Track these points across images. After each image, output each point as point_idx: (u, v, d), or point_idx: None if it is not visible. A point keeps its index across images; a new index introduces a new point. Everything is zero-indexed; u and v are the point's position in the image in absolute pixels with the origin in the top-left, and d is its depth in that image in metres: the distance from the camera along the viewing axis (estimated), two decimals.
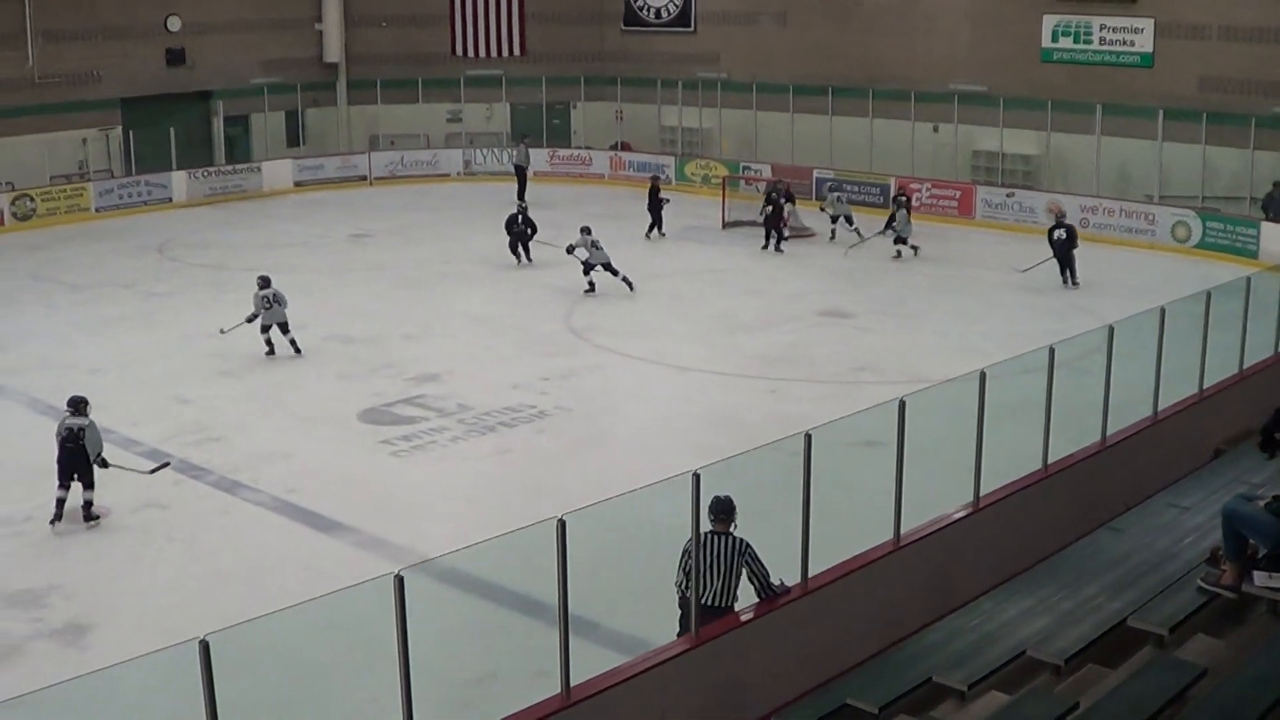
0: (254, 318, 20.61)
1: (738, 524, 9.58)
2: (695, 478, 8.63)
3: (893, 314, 23.42)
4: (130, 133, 34.12)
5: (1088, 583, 9.62)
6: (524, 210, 27.77)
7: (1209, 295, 13.66)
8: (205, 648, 6.66)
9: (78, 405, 14.72)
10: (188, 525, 14.51)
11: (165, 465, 15.61)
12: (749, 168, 35.11)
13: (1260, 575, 8.57)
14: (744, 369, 19.99)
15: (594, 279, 24.66)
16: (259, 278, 20.92)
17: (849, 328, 22.56)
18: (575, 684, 8.31)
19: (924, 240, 29.32)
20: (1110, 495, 11.92)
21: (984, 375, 10.90)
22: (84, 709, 8.02)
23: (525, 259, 27.17)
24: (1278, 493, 8.60)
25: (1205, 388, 13.90)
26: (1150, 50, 30.37)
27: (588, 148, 38.81)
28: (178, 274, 26.97)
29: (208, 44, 36.40)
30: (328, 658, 10.62)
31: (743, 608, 9.55)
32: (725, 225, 31.09)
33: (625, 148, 38.60)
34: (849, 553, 10.28)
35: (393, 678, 7.48)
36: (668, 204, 30.29)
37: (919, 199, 31.96)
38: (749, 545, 9.48)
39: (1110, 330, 12.42)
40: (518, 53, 39.92)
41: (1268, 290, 15.41)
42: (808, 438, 9.42)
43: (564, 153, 38.44)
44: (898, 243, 27.69)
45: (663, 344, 21.43)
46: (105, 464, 14.66)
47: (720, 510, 9.49)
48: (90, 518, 14.38)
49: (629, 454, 16.38)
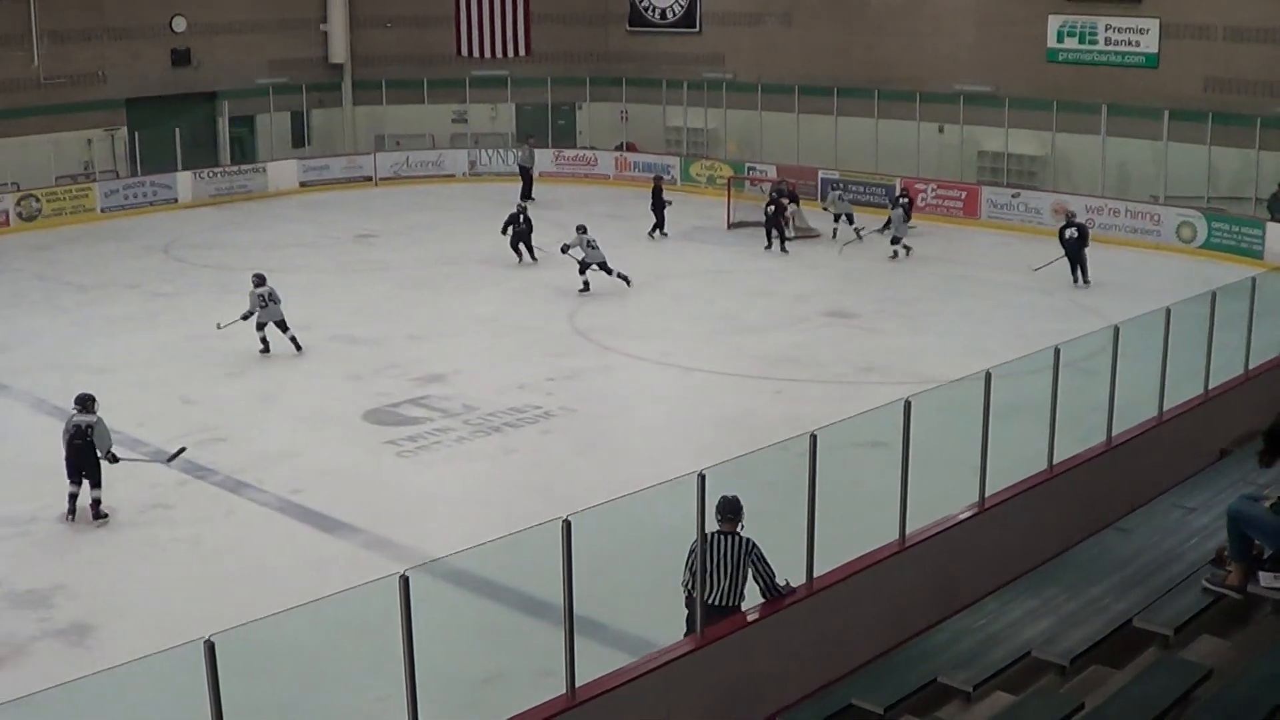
0: (250, 315, 20.66)
1: (744, 524, 9.59)
2: (701, 478, 8.64)
3: (898, 314, 23.40)
4: (135, 133, 34.15)
5: (1093, 583, 9.60)
6: (524, 210, 27.80)
7: (1214, 296, 13.64)
8: (210, 648, 6.67)
9: (85, 403, 14.73)
10: (193, 525, 14.51)
11: (182, 450, 15.65)
12: (754, 168, 35.10)
13: (1265, 576, 8.57)
14: (749, 369, 19.98)
15: (589, 279, 24.66)
16: (254, 275, 20.97)
17: (854, 328, 22.55)
18: (580, 684, 8.32)
19: (929, 241, 29.36)
20: (1115, 496, 11.91)
21: (989, 375, 10.91)
22: (89, 709, 8.02)
23: (529, 258, 27.19)
24: None
25: (1210, 388, 13.90)
26: (1155, 51, 30.34)
27: (593, 148, 38.82)
28: (183, 274, 26.99)
29: (213, 44, 36.46)
30: (333, 658, 10.62)
31: (748, 608, 9.56)
32: (730, 226, 31.08)
33: (630, 148, 38.60)
34: (854, 553, 10.29)
35: (398, 678, 7.49)
36: (669, 205, 30.32)
37: (924, 199, 31.98)
38: (755, 545, 9.48)
39: (1115, 331, 12.42)
40: (523, 53, 39.95)
41: (1273, 291, 15.41)
42: (813, 438, 9.42)
43: (569, 153, 38.45)
44: (894, 243, 27.74)
45: (668, 344, 21.42)
46: (115, 459, 14.67)
47: (727, 510, 9.50)
48: (99, 516, 14.39)
49: (634, 454, 16.39)
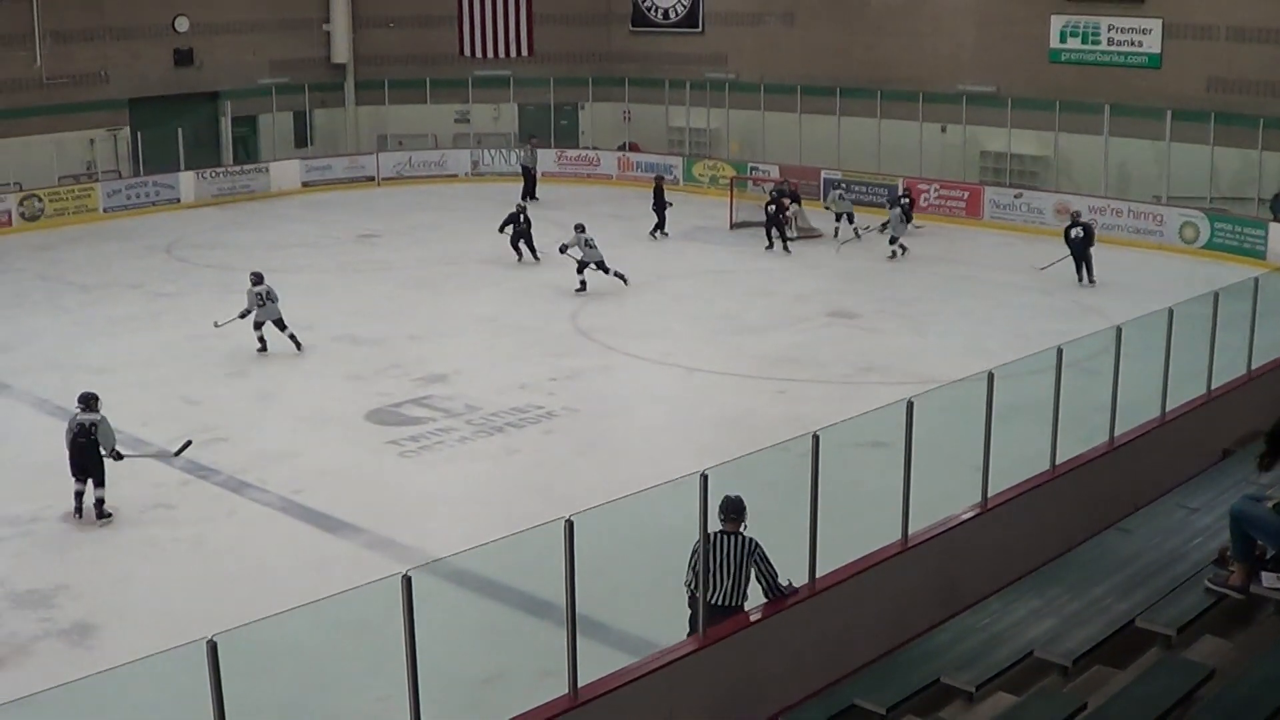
0: (248, 313, 20.67)
1: (746, 524, 9.58)
2: (703, 478, 8.64)
3: (900, 315, 23.39)
4: (138, 133, 34.19)
5: (1096, 583, 9.60)
6: (523, 209, 27.82)
7: (1217, 296, 13.64)
8: (213, 648, 6.67)
9: (89, 401, 14.71)
10: (195, 525, 14.52)
11: (188, 444, 15.67)
12: (757, 168, 35.09)
13: (1268, 576, 8.56)
14: (752, 370, 19.97)
15: (586, 278, 24.67)
16: (252, 274, 20.97)
17: (856, 328, 22.54)
18: (583, 684, 8.32)
19: (931, 240, 29.38)
20: (1118, 496, 11.91)
21: (992, 376, 10.91)
22: (91, 709, 8.02)
23: (531, 257, 27.19)
24: None
25: (1213, 388, 13.89)
26: (1158, 51, 30.32)
27: (595, 148, 38.83)
28: (185, 274, 27.00)
29: (216, 44, 36.48)
30: (335, 658, 10.62)
31: (751, 608, 9.56)
32: (733, 226, 31.07)
33: (633, 148, 38.61)
34: (857, 553, 10.29)
35: (400, 678, 7.49)
36: (670, 207, 30.31)
37: (926, 199, 31.98)
38: (758, 545, 9.49)
39: (1118, 331, 12.43)
40: (526, 53, 39.96)
41: (1275, 291, 15.42)
42: (815, 438, 9.42)
43: (572, 153, 38.45)
44: (892, 242, 27.76)
45: (670, 344, 21.42)
46: (119, 456, 14.68)
47: (730, 510, 9.50)
48: (102, 515, 14.39)
49: (637, 454, 16.38)
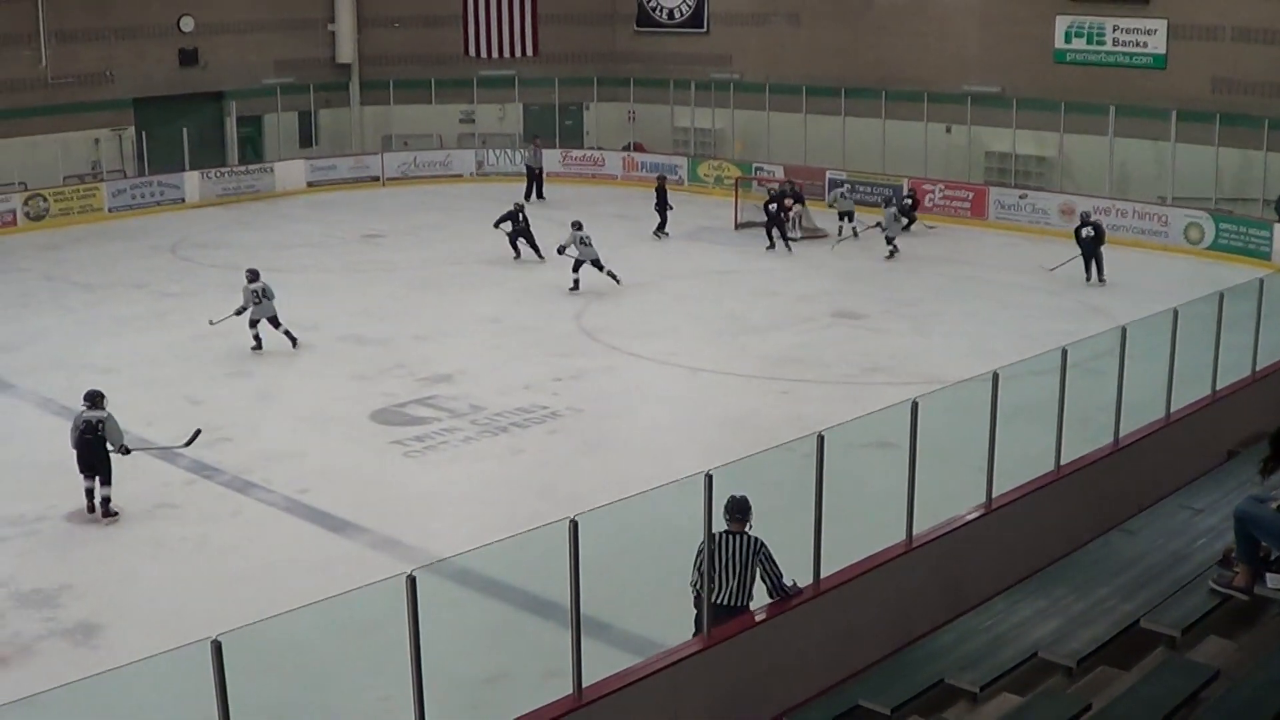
0: (243, 310, 20.68)
1: (752, 524, 9.58)
2: (708, 479, 8.64)
3: (905, 315, 23.38)
4: (143, 133, 34.23)
5: (1100, 584, 9.60)
6: (521, 208, 27.84)
7: (1221, 296, 13.64)
8: (217, 648, 6.67)
9: (94, 399, 14.73)
10: (200, 525, 14.52)
11: (198, 433, 15.69)
12: (761, 169, 35.07)
13: (1272, 577, 8.55)
14: (756, 370, 19.97)
15: (580, 277, 24.68)
16: (248, 271, 20.97)
17: (861, 329, 22.53)
18: (587, 684, 8.32)
19: (936, 241, 29.39)
20: (1123, 497, 11.91)
21: (996, 376, 10.90)
22: (96, 709, 8.02)
23: (535, 256, 27.16)
24: None
25: (1218, 389, 13.88)
26: (1163, 52, 30.29)
27: (600, 148, 38.82)
28: (190, 274, 27.00)
29: (220, 44, 36.50)
30: (340, 658, 10.62)
31: (756, 608, 9.55)
32: (738, 226, 31.05)
33: (638, 148, 38.61)
34: (861, 553, 10.29)
35: (405, 678, 7.49)
36: (670, 210, 30.32)
37: (931, 199, 31.96)
38: (764, 545, 9.48)
39: (1123, 332, 12.42)
40: (530, 53, 39.97)
41: None
42: (820, 439, 9.42)
43: (577, 153, 38.45)
44: (889, 242, 27.78)
45: (675, 345, 21.41)
46: (127, 451, 14.71)
47: (736, 510, 9.50)
48: (108, 514, 14.41)
49: (641, 455, 16.37)
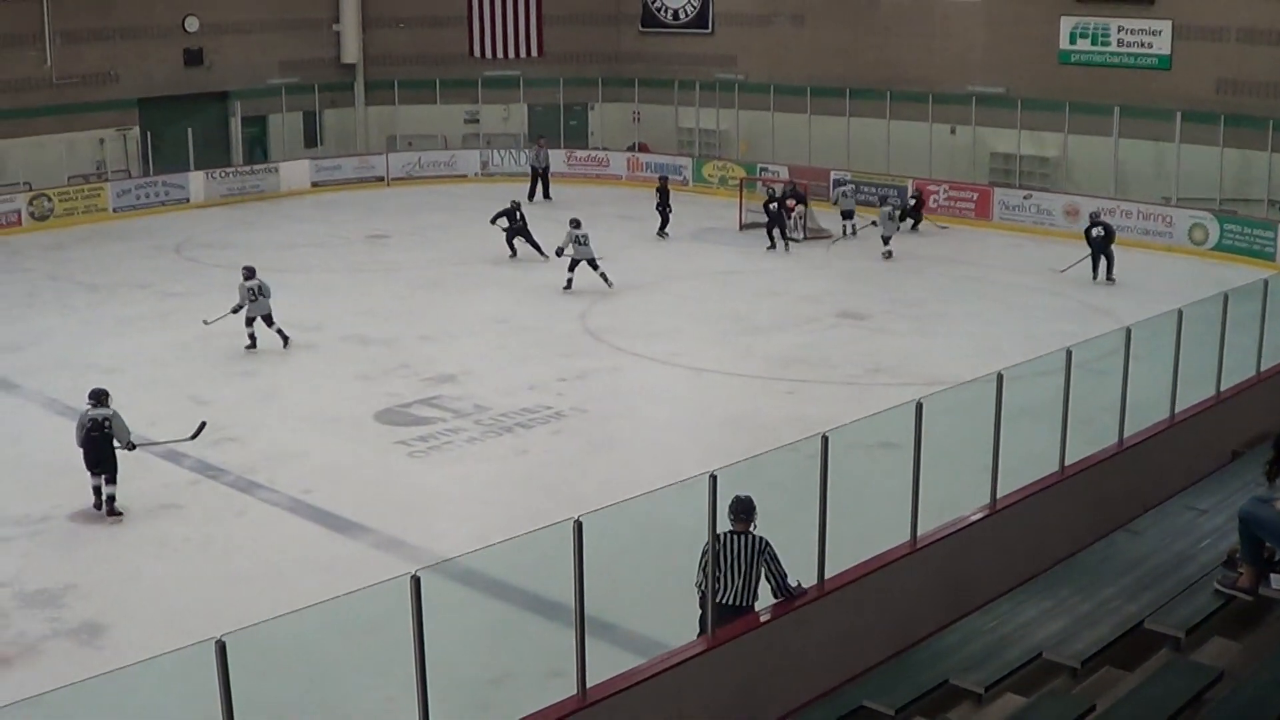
0: (239, 308, 20.71)
1: (756, 524, 9.58)
2: (712, 479, 8.63)
3: (909, 315, 23.37)
4: (148, 133, 34.25)
5: (1104, 585, 9.59)
6: (518, 206, 27.87)
7: (1226, 297, 13.62)
8: (222, 648, 6.67)
9: (100, 397, 14.75)
10: (204, 525, 14.54)
11: (203, 426, 15.74)
12: (766, 169, 35.07)
13: (1277, 578, 8.54)
14: (760, 370, 19.97)
15: (574, 276, 24.69)
16: (244, 269, 20.99)
17: (866, 329, 22.52)
18: (591, 685, 8.31)
19: (940, 242, 29.39)
20: (1127, 497, 11.89)
21: (1001, 377, 10.89)
22: (100, 709, 8.02)
23: (537, 254, 27.15)
24: None
25: (1223, 390, 13.86)
26: (1168, 52, 30.25)
27: (605, 149, 38.83)
28: (195, 274, 27.02)
29: (225, 44, 36.54)
30: (344, 658, 10.62)
31: (760, 609, 9.55)
32: (742, 227, 31.03)
33: (643, 149, 38.61)
34: (865, 554, 10.27)
35: (409, 678, 7.49)
36: (669, 212, 30.33)
37: (936, 200, 31.95)
38: (769, 544, 9.47)
39: (1128, 332, 12.40)
40: (535, 54, 39.97)
41: None
42: (824, 439, 9.41)
43: (581, 154, 38.46)
44: (885, 242, 27.82)
45: (679, 345, 21.41)
46: (133, 446, 14.75)
47: (740, 510, 9.49)
48: (113, 513, 14.42)
49: (645, 455, 16.38)
